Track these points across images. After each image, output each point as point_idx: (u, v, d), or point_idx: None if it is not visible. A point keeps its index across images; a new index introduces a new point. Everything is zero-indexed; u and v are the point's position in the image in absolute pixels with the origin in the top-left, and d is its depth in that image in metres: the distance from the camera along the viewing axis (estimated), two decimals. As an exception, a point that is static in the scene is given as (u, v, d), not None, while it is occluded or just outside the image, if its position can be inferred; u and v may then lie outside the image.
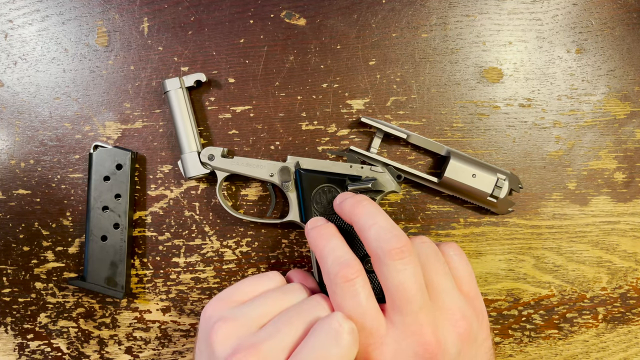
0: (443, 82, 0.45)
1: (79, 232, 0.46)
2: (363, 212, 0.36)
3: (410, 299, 0.34)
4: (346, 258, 0.35)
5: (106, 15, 0.45)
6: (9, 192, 0.46)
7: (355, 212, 0.37)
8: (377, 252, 0.34)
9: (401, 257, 0.34)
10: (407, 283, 0.34)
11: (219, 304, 0.35)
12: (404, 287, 0.34)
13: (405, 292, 0.34)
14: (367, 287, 0.35)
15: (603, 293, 0.47)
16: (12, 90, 0.45)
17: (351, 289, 0.34)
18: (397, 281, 0.34)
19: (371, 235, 0.35)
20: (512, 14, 0.45)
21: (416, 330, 0.34)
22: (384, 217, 0.36)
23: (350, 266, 0.35)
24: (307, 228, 0.39)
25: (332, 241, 0.37)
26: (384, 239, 0.34)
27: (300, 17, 0.45)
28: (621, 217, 0.46)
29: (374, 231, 0.35)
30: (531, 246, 0.46)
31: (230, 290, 0.36)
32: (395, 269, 0.34)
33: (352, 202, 0.38)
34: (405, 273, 0.34)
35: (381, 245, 0.34)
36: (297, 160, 0.43)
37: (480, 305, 0.38)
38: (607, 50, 0.45)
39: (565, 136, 0.46)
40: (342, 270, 0.34)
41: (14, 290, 0.46)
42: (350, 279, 0.34)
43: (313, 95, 0.45)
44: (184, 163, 0.43)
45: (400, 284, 0.34)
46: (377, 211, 0.36)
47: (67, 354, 0.47)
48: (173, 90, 0.43)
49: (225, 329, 0.33)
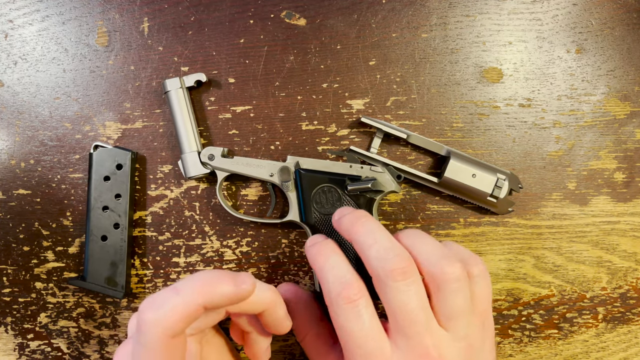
0: (443, 82, 0.45)
1: (79, 232, 0.46)
2: (362, 230, 0.35)
3: (414, 321, 0.33)
4: (347, 277, 0.34)
5: (106, 15, 0.45)
6: (9, 192, 0.46)
7: (354, 229, 0.35)
8: (378, 272, 0.33)
9: (403, 278, 0.32)
10: (410, 304, 0.32)
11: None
12: (407, 308, 0.32)
13: (408, 314, 0.32)
14: (371, 307, 0.34)
15: (603, 293, 0.47)
16: (12, 90, 0.45)
17: (354, 311, 0.33)
18: (399, 302, 0.33)
19: (372, 255, 0.34)
20: (512, 14, 0.45)
21: (422, 352, 0.33)
22: (385, 234, 0.34)
23: (352, 286, 0.33)
24: (306, 246, 0.38)
25: (332, 259, 0.35)
26: (386, 259, 0.33)
27: (300, 17, 0.45)
28: (621, 217, 0.46)
29: (374, 251, 0.34)
30: (531, 246, 0.46)
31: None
32: (397, 290, 0.32)
33: (350, 219, 0.36)
34: (408, 294, 0.32)
35: (382, 266, 0.33)
36: (297, 160, 0.43)
37: (489, 322, 0.37)
38: (607, 50, 0.45)
39: (565, 136, 0.46)
40: (344, 291, 0.33)
41: (14, 290, 0.46)
42: (352, 300, 0.33)
43: (313, 95, 0.45)
44: (184, 163, 0.43)
45: (404, 305, 0.32)
46: (377, 228, 0.35)
47: (67, 353, 0.47)
48: (173, 90, 0.43)
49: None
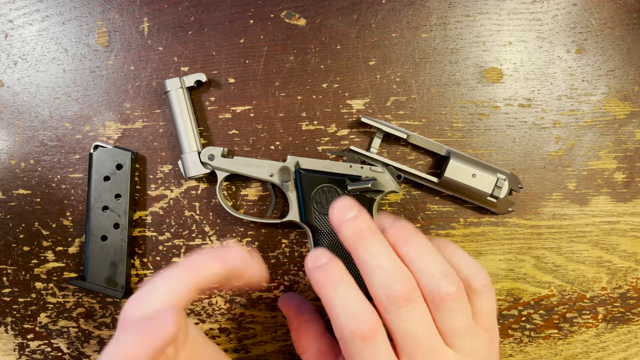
0: (443, 82, 0.45)
1: (79, 232, 0.46)
2: (365, 253, 0.33)
3: (419, 346, 0.32)
4: (360, 312, 0.32)
5: (106, 15, 0.45)
6: (9, 192, 0.46)
7: (356, 248, 0.34)
8: (381, 298, 0.32)
9: (407, 304, 0.32)
10: (414, 330, 0.32)
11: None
12: (411, 334, 0.32)
13: (413, 339, 0.32)
14: (385, 340, 0.32)
15: (603, 293, 0.47)
16: (13, 90, 0.45)
17: (371, 348, 0.32)
18: (404, 328, 0.32)
19: (374, 282, 0.32)
20: (512, 14, 0.45)
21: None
22: (388, 257, 0.33)
23: (366, 322, 0.31)
24: (308, 266, 0.34)
25: (341, 291, 0.32)
26: (388, 286, 0.32)
27: (300, 17, 0.45)
28: (621, 217, 0.46)
29: (377, 277, 0.32)
30: (531, 246, 0.46)
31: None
32: (401, 317, 0.32)
33: (353, 234, 0.34)
34: (411, 320, 0.32)
35: (385, 293, 0.32)
36: (297, 160, 0.43)
37: (495, 335, 0.36)
38: (607, 50, 0.45)
39: (565, 136, 0.46)
40: (359, 330, 0.31)
41: (14, 290, 0.46)
42: (367, 337, 0.31)
43: (313, 95, 0.45)
44: (184, 163, 0.43)
45: (408, 331, 0.32)
46: (379, 249, 0.33)
47: (67, 353, 0.47)
48: (173, 90, 0.43)
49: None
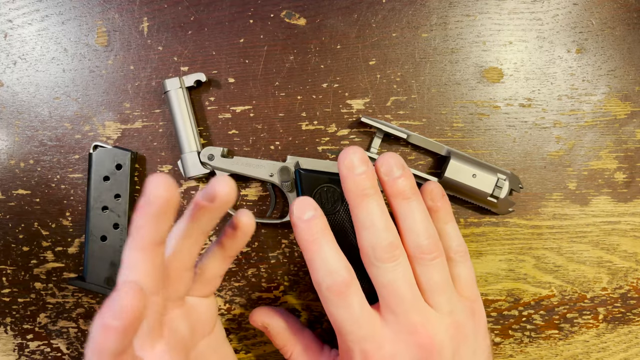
0: (443, 82, 0.45)
1: (78, 232, 0.46)
2: (363, 209, 0.35)
3: (401, 299, 0.34)
4: (337, 269, 0.34)
5: (106, 15, 0.45)
6: (8, 192, 0.46)
7: (357, 201, 0.35)
8: (368, 252, 0.35)
9: (392, 260, 0.34)
10: (396, 283, 0.34)
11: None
12: (393, 287, 0.34)
13: (395, 292, 0.34)
14: (360, 294, 0.34)
15: (603, 293, 0.47)
16: (12, 90, 0.45)
17: (344, 301, 0.34)
18: (387, 282, 0.34)
19: (365, 237, 0.35)
20: (512, 14, 0.45)
21: (411, 330, 0.34)
22: (382, 218, 0.35)
23: (342, 278, 0.34)
24: (293, 215, 0.35)
25: (324, 248, 0.34)
26: (377, 244, 0.34)
27: (300, 17, 0.45)
28: (622, 217, 0.46)
29: (368, 233, 0.34)
30: (531, 246, 0.46)
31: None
32: (385, 270, 0.34)
33: (357, 189, 0.35)
34: (394, 274, 0.34)
35: (373, 248, 0.34)
36: (297, 160, 0.43)
37: (479, 307, 0.38)
38: (607, 50, 0.45)
39: (566, 136, 0.46)
40: (334, 285, 0.34)
41: (14, 290, 0.46)
42: (342, 291, 0.34)
43: (313, 95, 0.45)
44: (184, 163, 0.43)
45: (390, 285, 0.34)
46: (376, 210, 0.35)
47: (66, 354, 0.47)
48: (173, 90, 0.43)
49: None
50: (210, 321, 0.37)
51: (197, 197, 0.31)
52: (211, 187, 0.30)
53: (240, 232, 0.35)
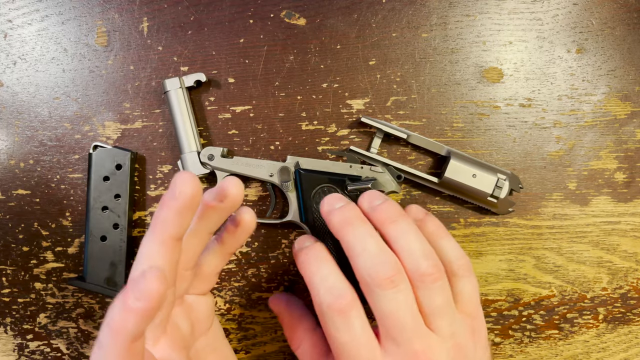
0: (443, 82, 0.45)
1: (78, 233, 0.46)
2: (351, 236, 0.34)
3: (403, 327, 0.33)
4: (338, 288, 0.33)
5: (106, 15, 0.45)
6: (8, 192, 0.46)
7: (343, 232, 0.35)
8: (366, 280, 0.33)
9: (392, 286, 0.33)
10: (398, 312, 0.33)
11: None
12: (395, 316, 0.33)
13: (397, 321, 0.33)
14: (362, 316, 0.34)
15: (603, 293, 0.47)
16: (12, 90, 0.45)
17: (345, 322, 0.33)
18: (388, 310, 0.33)
19: (360, 264, 0.33)
20: (512, 14, 0.45)
21: (411, 357, 0.33)
22: (374, 240, 0.34)
23: (343, 297, 0.33)
24: (294, 249, 0.37)
25: (323, 268, 0.34)
26: (373, 268, 0.33)
27: (300, 17, 0.45)
28: (622, 217, 0.46)
29: (362, 260, 0.33)
30: (531, 246, 0.46)
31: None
32: (386, 299, 0.33)
33: (340, 222, 0.35)
34: (396, 302, 0.33)
35: (370, 274, 0.33)
36: (297, 160, 0.43)
37: (480, 323, 0.37)
38: (607, 50, 0.45)
39: (566, 136, 0.46)
40: (335, 303, 0.33)
41: (14, 290, 0.46)
42: (343, 311, 0.33)
43: (313, 95, 0.45)
44: (184, 163, 0.43)
45: (392, 313, 0.33)
46: (365, 233, 0.34)
47: (66, 354, 0.47)
48: (173, 90, 0.43)
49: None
50: (208, 319, 0.37)
51: (206, 197, 0.31)
52: (221, 187, 0.31)
53: (241, 229, 0.35)
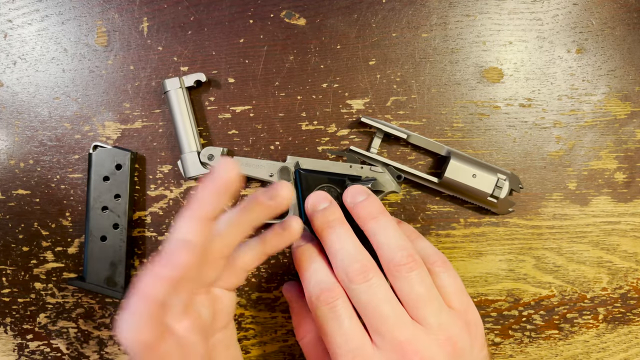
0: (443, 82, 0.45)
1: (78, 233, 0.46)
2: (330, 237, 0.37)
3: (382, 317, 0.34)
4: (326, 281, 0.36)
5: (106, 15, 0.45)
6: (8, 192, 0.46)
7: (323, 234, 0.38)
8: (342, 277, 0.35)
9: (364, 279, 0.34)
10: (374, 302, 0.34)
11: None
12: (372, 305, 0.34)
13: (374, 311, 0.34)
14: (349, 308, 0.35)
15: (603, 293, 0.47)
16: (12, 90, 0.45)
17: (332, 312, 0.34)
18: (365, 302, 0.34)
19: (337, 262, 0.36)
20: (512, 14, 0.45)
21: (398, 349, 0.33)
22: (350, 240, 0.36)
23: (330, 290, 0.35)
24: (292, 247, 0.39)
25: (313, 264, 0.37)
26: (349, 266, 0.35)
27: (300, 17, 0.45)
28: (622, 217, 0.46)
29: (339, 259, 0.36)
30: (531, 246, 0.46)
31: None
32: (360, 291, 0.34)
33: (321, 222, 0.38)
34: (370, 293, 0.34)
35: (346, 272, 0.35)
36: (297, 160, 0.43)
37: (473, 316, 0.37)
38: (607, 50, 0.45)
39: (566, 136, 0.46)
40: (323, 294, 0.35)
41: (14, 290, 0.46)
42: (330, 302, 0.35)
43: (313, 95, 0.45)
44: (184, 163, 0.43)
45: (369, 304, 0.34)
46: (343, 234, 0.37)
47: (66, 354, 0.47)
48: (173, 90, 0.43)
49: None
50: (228, 316, 0.38)
51: (257, 194, 0.33)
52: (274, 188, 0.33)
53: (287, 234, 0.36)
